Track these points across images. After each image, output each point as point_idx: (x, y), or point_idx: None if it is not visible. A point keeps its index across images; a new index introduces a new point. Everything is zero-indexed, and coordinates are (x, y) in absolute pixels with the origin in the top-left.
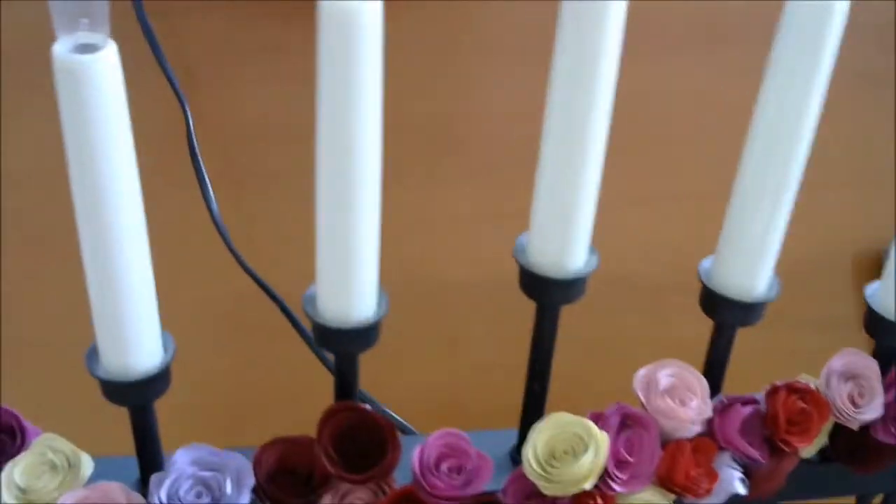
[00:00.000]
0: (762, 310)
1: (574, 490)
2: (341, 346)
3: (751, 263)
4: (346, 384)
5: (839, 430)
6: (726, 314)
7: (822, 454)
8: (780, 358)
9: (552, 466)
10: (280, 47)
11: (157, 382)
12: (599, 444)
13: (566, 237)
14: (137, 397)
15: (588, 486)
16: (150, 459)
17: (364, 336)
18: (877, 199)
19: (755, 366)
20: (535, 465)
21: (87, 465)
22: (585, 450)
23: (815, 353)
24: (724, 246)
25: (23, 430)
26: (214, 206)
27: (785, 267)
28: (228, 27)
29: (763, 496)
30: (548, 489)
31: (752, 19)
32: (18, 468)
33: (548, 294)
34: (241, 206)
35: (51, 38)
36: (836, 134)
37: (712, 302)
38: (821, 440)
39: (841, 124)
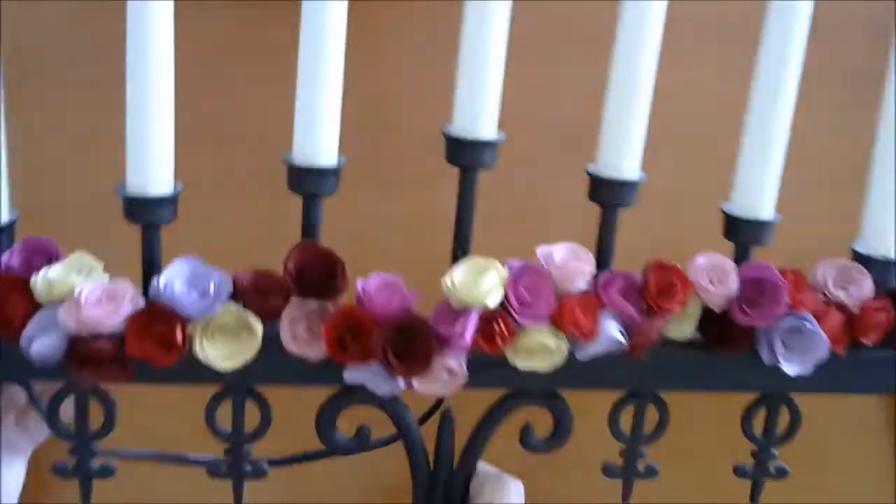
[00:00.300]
0: None
1: (478, 303)
2: (308, 188)
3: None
4: (310, 226)
5: (707, 318)
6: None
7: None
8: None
9: (462, 285)
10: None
11: (165, 206)
12: (500, 272)
13: None
14: (150, 215)
15: (490, 302)
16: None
17: (327, 178)
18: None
19: None
20: (449, 285)
21: (104, 276)
22: (488, 272)
23: None
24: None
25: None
26: None
27: (785, 266)
28: (229, 27)
29: (639, 351)
30: (456, 302)
31: None
32: (52, 269)
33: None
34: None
35: (51, 38)
36: (836, 134)
37: None
38: (690, 318)
39: (841, 124)
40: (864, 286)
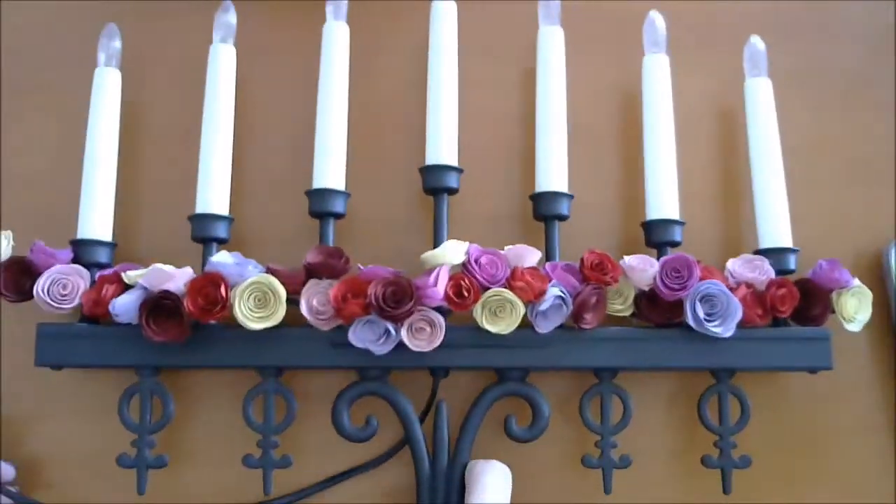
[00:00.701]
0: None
1: (445, 261)
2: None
3: None
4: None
5: (641, 298)
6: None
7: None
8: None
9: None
10: (280, 48)
11: (221, 223)
12: (463, 245)
13: None
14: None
15: (454, 259)
16: None
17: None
18: (877, 199)
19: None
20: (423, 257)
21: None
22: (453, 245)
23: None
24: None
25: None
26: None
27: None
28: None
29: (582, 315)
30: (429, 266)
31: None
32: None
33: None
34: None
35: (51, 38)
36: (836, 134)
37: None
38: (624, 297)
39: (841, 124)
40: (765, 268)
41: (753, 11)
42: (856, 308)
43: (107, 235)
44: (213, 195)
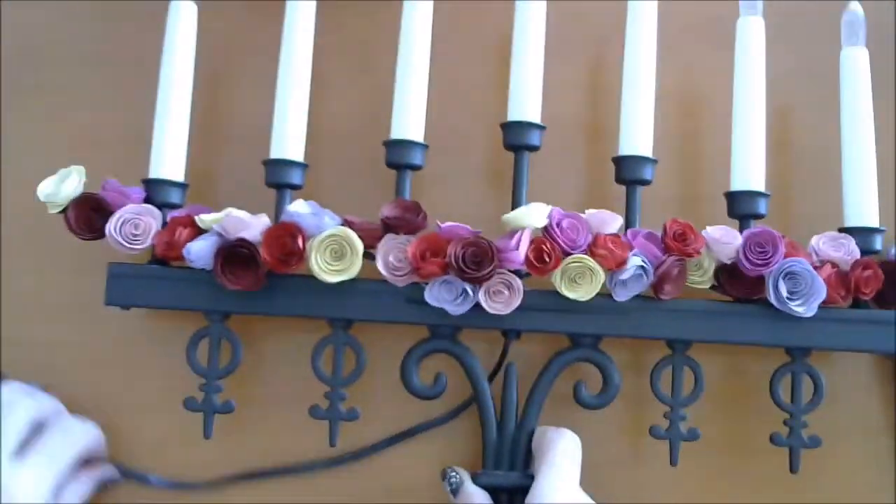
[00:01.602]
0: None
1: (528, 224)
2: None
3: None
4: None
5: (721, 271)
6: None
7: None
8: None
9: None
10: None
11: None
12: (546, 208)
13: None
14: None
15: (536, 223)
16: None
17: None
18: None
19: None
20: (505, 218)
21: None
22: (536, 207)
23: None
24: None
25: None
26: None
27: None
28: (229, 27)
29: (663, 286)
30: (511, 228)
31: None
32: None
33: None
34: None
35: (51, 38)
36: (836, 134)
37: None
38: (705, 270)
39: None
40: (851, 248)
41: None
42: None
43: (179, 176)
44: (289, 141)
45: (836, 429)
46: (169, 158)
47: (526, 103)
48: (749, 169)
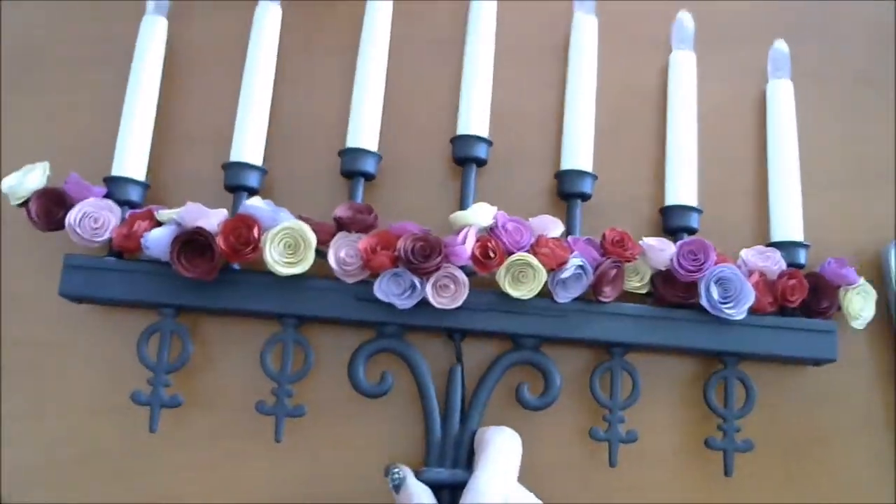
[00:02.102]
0: None
1: (473, 222)
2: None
3: None
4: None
5: (657, 277)
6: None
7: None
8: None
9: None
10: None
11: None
12: (492, 208)
13: None
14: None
15: (482, 221)
16: None
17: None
18: (877, 199)
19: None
20: (451, 218)
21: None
22: (481, 207)
23: None
24: None
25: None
26: None
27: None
28: (227, 26)
29: (602, 286)
30: (457, 226)
31: None
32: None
33: None
34: None
35: (51, 38)
36: (837, 134)
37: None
38: (641, 274)
39: (841, 124)
40: (776, 259)
41: (755, 12)
42: (861, 306)
43: (140, 175)
44: (248, 145)
45: (836, 428)
46: (131, 158)
47: (472, 117)
48: (681, 187)
